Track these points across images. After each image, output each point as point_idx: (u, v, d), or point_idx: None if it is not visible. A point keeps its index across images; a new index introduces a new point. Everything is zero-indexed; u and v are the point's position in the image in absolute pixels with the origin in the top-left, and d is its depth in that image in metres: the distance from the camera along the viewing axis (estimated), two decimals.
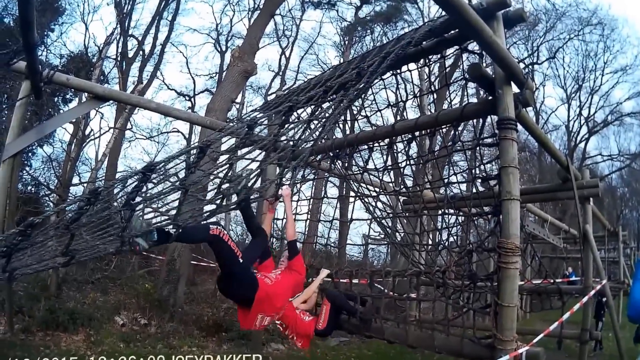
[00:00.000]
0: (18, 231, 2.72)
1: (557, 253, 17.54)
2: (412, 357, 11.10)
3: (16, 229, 2.77)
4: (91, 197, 2.76)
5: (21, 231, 2.71)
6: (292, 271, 5.45)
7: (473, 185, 6.46)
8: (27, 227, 2.71)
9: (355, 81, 4.58)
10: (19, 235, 2.73)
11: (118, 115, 20.53)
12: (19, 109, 7.80)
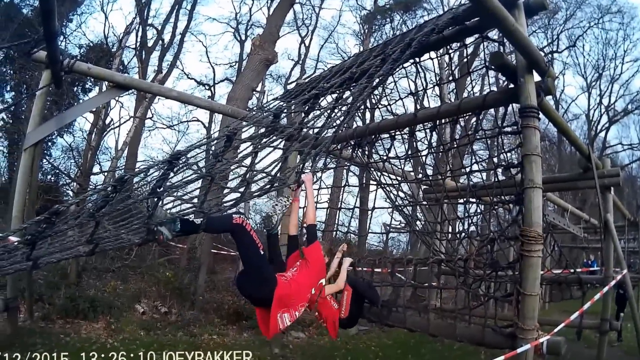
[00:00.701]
0: (43, 218, 2.70)
1: (577, 243, 17.38)
2: (432, 347, 11.11)
3: (41, 216, 2.76)
4: (117, 185, 2.76)
5: (46, 218, 2.70)
6: (308, 264, 5.15)
7: (494, 174, 6.43)
8: (52, 214, 2.70)
9: (378, 67, 4.55)
10: (43, 222, 2.71)
11: (138, 104, 20.64)
12: (39, 98, 7.88)
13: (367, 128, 7.72)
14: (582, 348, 10.42)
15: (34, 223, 2.85)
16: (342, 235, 14.88)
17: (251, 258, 4.41)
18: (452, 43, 6.43)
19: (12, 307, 7.51)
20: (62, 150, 20.32)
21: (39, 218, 2.77)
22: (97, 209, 2.81)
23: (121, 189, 2.85)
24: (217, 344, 9.66)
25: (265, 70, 16.70)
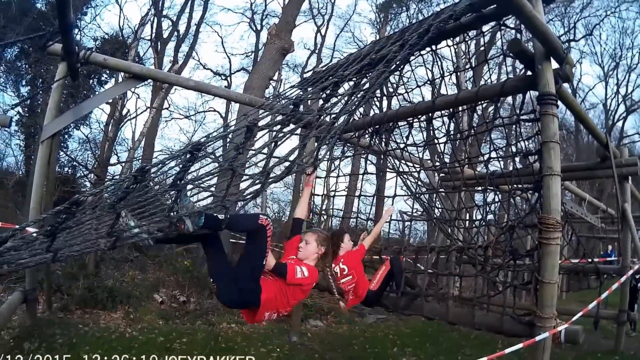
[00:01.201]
0: (63, 209, 2.68)
1: (594, 233, 17.26)
2: (450, 335, 11.09)
3: (61, 206, 2.74)
4: (138, 175, 2.75)
5: (66, 209, 2.67)
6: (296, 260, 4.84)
7: (513, 162, 6.40)
8: (72, 204, 2.68)
9: (396, 53, 4.53)
10: (63, 213, 2.69)
11: (154, 95, 20.68)
12: (55, 90, 7.89)
13: (384, 115, 7.71)
14: (599, 338, 10.35)
15: (53, 214, 2.83)
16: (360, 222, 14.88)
17: (251, 262, 4.21)
18: (470, 30, 6.37)
19: (31, 298, 7.58)
20: (79, 142, 20.50)
21: (59, 208, 2.74)
22: (118, 200, 2.79)
23: (142, 179, 2.83)
24: (235, 332, 9.68)
25: (281, 59, 16.65)
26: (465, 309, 6.18)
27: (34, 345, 7.09)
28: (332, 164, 9.29)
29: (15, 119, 17.79)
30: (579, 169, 10.19)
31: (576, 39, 31.54)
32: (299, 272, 4.35)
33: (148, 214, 3.11)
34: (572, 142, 36.60)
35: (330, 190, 9.09)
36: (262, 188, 3.09)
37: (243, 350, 8.34)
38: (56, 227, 2.68)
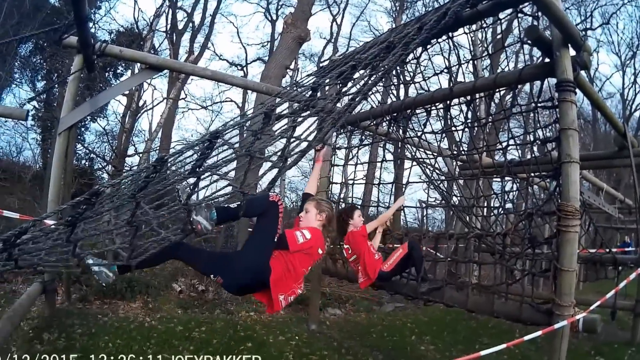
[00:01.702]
0: (83, 199, 2.66)
1: (612, 223, 17.12)
2: (467, 324, 11.11)
3: (81, 197, 2.73)
4: (157, 165, 2.74)
5: (86, 199, 2.67)
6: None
7: (531, 150, 6.38)
8: (92, 195, 2.67)
9: (415, 36, 4.52)
10: (84, 203, 2.68)
11: (171, 86, 20.73)
12: (71, 83, 7.94)
13: (402, 103, 7.69)
14: (615, 329, 10.31)
15: (73, 204, 2.82)
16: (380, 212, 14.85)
17: (263, 241, 4.11)
18: (487, 17, 6.34)
19: (50, 289, 7.64)
20: (96, 134, 20.63)
21: (79, 199, 2.73)
22: (138, 190, 2.78)
23: (161, 169, 2.83)
24: (254, 320, 9.70)
25: (298, 48, 16.63)
26: (484, 297, 6.17)
27: (53, 335, 7.14)
28: (350, 153, 9.25)
29: (32, 113, 17.90)
30: (597, 158, 10.12)
31: (593, 28, 31.25)
32: (300, 236, 4.23)
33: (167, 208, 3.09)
34: (589, 131, 36.31)
35: (348, 178, 9.06)
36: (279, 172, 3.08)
37: (262, 339, 8.38)
38: (76, 218, 2.66)
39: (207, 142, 2.78)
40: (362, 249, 6.37)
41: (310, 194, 5.15)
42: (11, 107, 11.25)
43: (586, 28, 29.46)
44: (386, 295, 13.24)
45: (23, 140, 20.03)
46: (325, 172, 9.37)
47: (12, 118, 8.98)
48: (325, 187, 9.38)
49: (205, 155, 2.82)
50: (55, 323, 7.58)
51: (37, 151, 20.46)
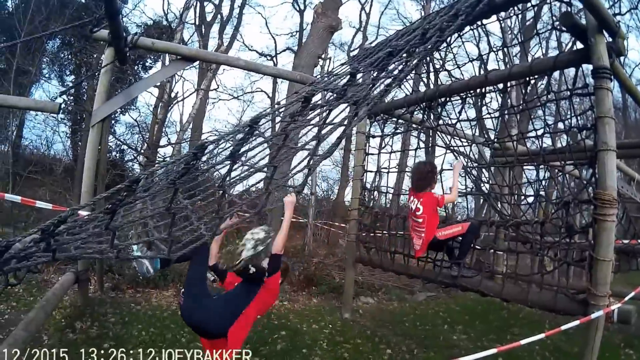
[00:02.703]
0: (124, 186, 2.63)
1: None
2: (499, 314, 11.09)
3: (122, 184, 2.71)
4: (198, 152, 2.73)
5: (127, 186, 2.63)
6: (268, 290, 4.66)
7: (567, 137, 6.31)
8: (133, 182, 2.65)
9: (450, 23, 4.48)
10: (125, 190, 2.66)
11: (201, 77, 20.82)
12: (104, 75, 7.98)
13: (437, 90, 7.65)
14: None
15: (114, 191, 2.81)
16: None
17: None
18: (520, 3, 6.25)
19: (83, 279, 7.73)
20: (126, 126, 20.83)
21: (120, 186, 2.72)
22: (179, 176, 2.77)
23: (201, 156, 2.82)
24: (287, 309, 9.75)
25: (329, 38, 16.53)
26: (519, 286, 6.13)
27: (85, 324, 7.20)
28: (382, 141, 9.25)
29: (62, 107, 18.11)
30: (629, 147, 9.97)
31: (622, 13, 30.69)
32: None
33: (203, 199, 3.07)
34: (619, 119, 35.74)
35: (381, 167, 9.05)
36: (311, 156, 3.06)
37: (295, 327, 8.44)
38: (117, 205, 2.66)
39: (248, 127, 2.78)
40: (432, 217, 6.38)
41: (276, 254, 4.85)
42: (44, 100, 11.37)
43: (615, 13, 28.92)
44: (418, 284, 13.29)
45: (54, 133, 20.26)
46: (359, 160, 9.44)
47: (44, 111, 9.09)
48: (360, 175, 9.44)
49: (245, 140, 2.81)
50: (88, 312, 7.65)
51: (68, 144, 20.70)
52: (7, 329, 6.65)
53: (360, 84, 3.27)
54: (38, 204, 8.39)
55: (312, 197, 18.17)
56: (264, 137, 3.02)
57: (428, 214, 6.37)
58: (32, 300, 7.99)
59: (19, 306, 7.73)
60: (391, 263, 8.24)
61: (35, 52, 17.92)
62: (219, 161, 2.91)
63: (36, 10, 16.68)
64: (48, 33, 14.97)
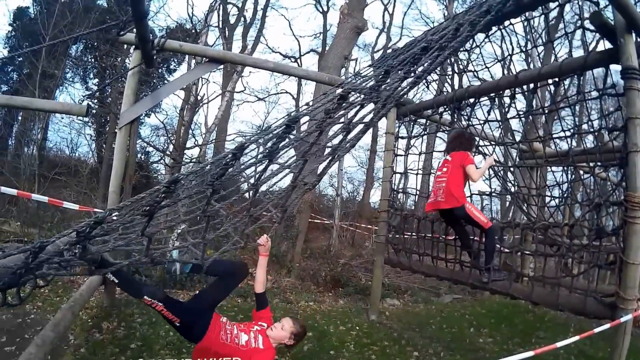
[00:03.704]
0: (163, 188, 2.59)
1: None
2: (524, 317, 11.02)
3: (160, 185, 2.66)
4: (237, 153, 2.71)
5: (165, 188, 2.50)
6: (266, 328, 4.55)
7: (596, 138, 6.25)
8: (171, 183, 2.59)
9: (481, 17, 4.46)
10: (163, 192, 2.61)
11: (226, 80, 20.94)
12: (131, 77, 8.05)
13: (466, 91, 7.66)
14: None
15: (152, 192, 2.76)
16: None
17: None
18: (548, 3, 6.20)
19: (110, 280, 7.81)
20: (151, 128, 21.04)
21: (158, 187, 2.67)
22: (217, 177, 2.75)
23: (240, 156, 2.80)
24: (313, 310, 9.77)
25: (356, 38, 16.61)
26: (548, 289, 6.09)
27: (112, 324, 7.25)
28: (409, 142, 9.22)
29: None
30: None
31: None
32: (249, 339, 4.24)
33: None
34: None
35: (408, 168, 9.05)
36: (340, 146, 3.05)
37: (323, 328, 8.46)
38: (154, 207, 2.61)
39: (286, 126, 2.77)
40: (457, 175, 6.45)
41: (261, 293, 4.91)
42: (71, 103, 11.50)
43: None
44: (444, 286, 13.31)
45: (79, 135, 20.51)
46: (388, 162, 9.46)
47: (71, 114, 9.18)
48: (389, 177, 9.45)
49: (282, 138, 2.79)
50: (115, 312, 7.70)
51: (92, 146, 20.94)
52: (33, 328, 6.73)
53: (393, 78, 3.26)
54: (65, 204, 8.46)
55: (337, 199, 18.11)
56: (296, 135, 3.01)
57: (453, 165, 6.49)
58: (58, 300, 8.07)
59: (44, 306, 7.79)
60: (420, 265, 8.25)
61: (60, 55, 18.15)
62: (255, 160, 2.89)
63: (60, 15, 16.89)
64: (74, 36, 15.11)
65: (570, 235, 6.02)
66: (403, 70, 3.46)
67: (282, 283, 11.67)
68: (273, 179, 3.01)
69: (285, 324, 4.46)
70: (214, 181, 2.67)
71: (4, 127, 20.06)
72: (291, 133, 2.70)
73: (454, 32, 4.04)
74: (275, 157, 2.79)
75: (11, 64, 20.93)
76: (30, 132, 18.16)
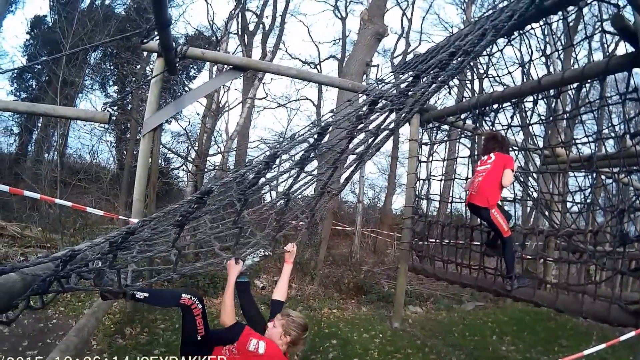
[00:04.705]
0: (195, 198, 2.51)
1: None
2: (547, 325, 10.95)
3: (192, 195, 2.63)
4: (270, 161, 2.70)
5: (198, 198, 2.53)
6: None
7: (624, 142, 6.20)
8: (205, 194, 2.53)
9: (505, 22, 4.45)
10: (195, 202, 2.50)
11: (246, 87, 20.90)
12: (154, 85, 8.11)
13: (490, 97, 7.62)
14: None
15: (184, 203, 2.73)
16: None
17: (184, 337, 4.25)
18: (568, 6, 6.17)
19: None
20: (172, 135, 21.17)
21: (190, 198, 2.63)
22: (249, 186, 2.72)
23: (273, 164, 2.77)
24: (337, 317, 9.76)
25: (377, 44, 16.52)
26: (572, 296, 6.04)
27: (135, 330, 7.29)
28: (432, 148, 9.19)
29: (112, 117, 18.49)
30: None
31: None
32: (253, 345, 3.90)
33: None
34: None
35: (430, 174, 9.03)
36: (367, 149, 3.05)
37: (346, 336, 8.46)
38: (187, 217, 2.58)
39: (317, 135, 2.76)
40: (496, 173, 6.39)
41: (279, 300, 4.77)
42: (93, 110, 11.59)
43: None
44: (466, 294, 13.26)
45: (99, 141, 20.65)
46: (412, 168, 9.42)
47: (94, 121, 9.22)
48: (413, 184, 9.39)
49: (315, 146, 2.78)
50: (138, 318, 7.72)
51: (113, 153, 21.08)
52: (55, 333, 6.79)
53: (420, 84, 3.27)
54: (89, 209, 8.51)
55: (359, 205, 18.07)
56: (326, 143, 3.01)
57: (496, 164, 6.42)
58: (80, 305, 8.11)
59: (67, 311, 7.83)
60: (444, 272, 8.19)
61: (79, 63, 18.30)
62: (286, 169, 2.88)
63: (80, 23, 17.04)
64: (97, 44, 15.25)
65: (595, 242, 5.95)
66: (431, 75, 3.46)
67: (305, 290, 11.68)
68: (302, 187, 3.01)
69: (276, 320, 4.25)
70: (246, 190, 2.65)
71: (24, 134, 20.29)
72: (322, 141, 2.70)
73: (479, 36, 4.03)
74: (305, 166, 2.79)
75: (30, 71, 21.16)
76: (50, 139, 18.30)
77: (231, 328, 4.01)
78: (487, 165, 6.49)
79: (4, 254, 9.52)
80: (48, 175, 15.50)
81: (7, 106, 9.22)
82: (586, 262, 6.13)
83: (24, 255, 9.80)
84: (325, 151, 2.99)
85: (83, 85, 20.03)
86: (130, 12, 20.06)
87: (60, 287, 2.37)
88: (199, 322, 4.09)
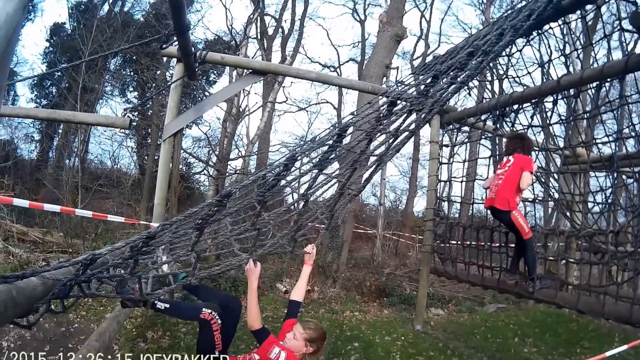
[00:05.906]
0: (215, 201, 2.56)
1: None
2: (569, 327, 10.85)
3: (213, 199, 2.63)
4: (289, 164, 2.71)
5: (218, 201, 2.56)
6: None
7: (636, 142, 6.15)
8: (224, 197, 2.52)
9: (524, 22, 4.43)
10: (215, 205, 2.56)
11: (266, 91, 20.92)
12: (174, 90, 8.15)
13: (510, 97, 7.57)
14: None
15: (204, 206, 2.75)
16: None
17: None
18: (586, 5, 6.13)
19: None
20: (192, 140, 21.27)
21: (210, 201, 2.63)
22: (268, 188, 2.72)
23: (292, 167, 2.78)
24: (359, 320, 9.75)
25: (396, 47, 16.50)
26: (594, 297, 5.99)
27: (157, 334, 7.32)
28: (452, 150, 9.17)
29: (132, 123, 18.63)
30: None
31: None
32: (275, 353, 3.91)
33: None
34: None
35: (452, 176, 9.01)
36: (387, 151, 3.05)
37: (368, 339, 8.45)
38: (206, 221, 2.59)
39: (336, 136, 2.77)
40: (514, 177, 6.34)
41: (296, 301, 4.82)
42: (114, 116, 11.69)
43: None
44: (488, 296, 13.20)
45: (120, 146, 20.82)
46: (433, 170, 9.43)
47: (115, 127, 9.33)
48: (434, 185, 9.41)
49: (334, 148, 2.78)
50: (160, 322, 7.76)
51: (134, 158, 21.24)
52: (77, 337, 6.88)
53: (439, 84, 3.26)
54: (109, 217, 8.57)
55: (380, 208, 18.04)
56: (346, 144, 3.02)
57: (514, 166, 6.38)
58: (102, 310, 8.18)
59: (88, 315, 7.90)
60: (466, 274, 8.17)
61: (99, 70, 18.48)
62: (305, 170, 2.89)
63: (99, 30, 17.21)
64: (116, 51, 15.42)
65: (616, 242, 5.90)
66: (450, 75, 3.45)
67: (327, 293, 11.68)
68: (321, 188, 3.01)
69: (296, 331, 4.24)
70: (265, 192, 2.67)
71: (45, 140, 20.52)
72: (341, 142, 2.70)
73: (497, 36, 4.02)
74: (325, 167, 2.79)
75: (50, 79, 21.45)
76: (71, 145, 18.49)
77: (259, 333, 4.03)
78: (506, 168, 6.47)
79: (26, 259, 9.60)
80: (69, 181, 15.66)
81: (28, 113, 9.34)
82: (607, 263, 6.08)
83: (45, 260, 9.87)
84: (345, 153, 3.00)
85: (103, 92, 20.28)
86: (149, 18, 20.24)
87: (81, 292, 2.40)
88: (217, 337, 4.21)
